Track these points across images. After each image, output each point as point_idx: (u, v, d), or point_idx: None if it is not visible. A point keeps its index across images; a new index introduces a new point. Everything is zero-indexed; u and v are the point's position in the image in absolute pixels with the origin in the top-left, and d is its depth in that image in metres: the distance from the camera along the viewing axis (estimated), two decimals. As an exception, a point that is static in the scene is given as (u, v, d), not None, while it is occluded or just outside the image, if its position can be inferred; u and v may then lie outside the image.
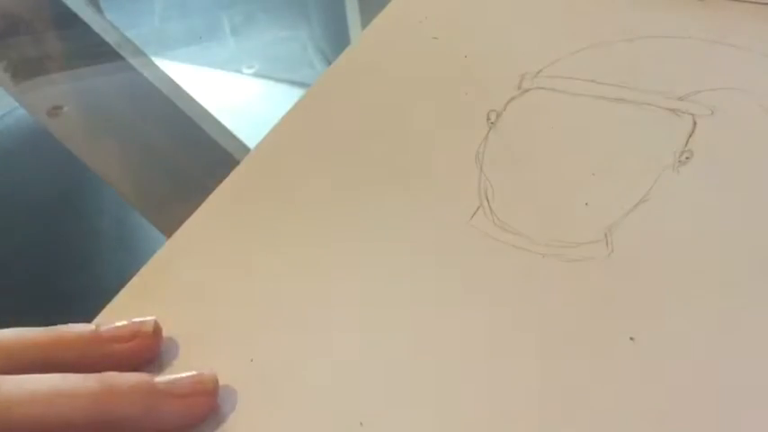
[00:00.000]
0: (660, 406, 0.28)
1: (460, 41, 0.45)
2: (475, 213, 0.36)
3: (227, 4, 1.20)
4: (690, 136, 0.36)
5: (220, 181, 0.40)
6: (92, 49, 0.67)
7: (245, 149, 0.58)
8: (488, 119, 0.40)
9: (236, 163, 0.41)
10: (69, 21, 0.67)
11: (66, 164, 0.65)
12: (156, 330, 0.32)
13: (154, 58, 0.67)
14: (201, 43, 1.14)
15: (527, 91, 0.41)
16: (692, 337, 0.30)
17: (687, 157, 0.36)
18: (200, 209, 0.39)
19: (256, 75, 1.09)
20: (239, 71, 1.09)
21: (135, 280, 0.36)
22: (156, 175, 0.62)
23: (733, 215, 0.33)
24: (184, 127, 0.63)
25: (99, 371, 0.29)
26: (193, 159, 0.62)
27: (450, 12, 0.47)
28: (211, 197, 0.39)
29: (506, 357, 0.30)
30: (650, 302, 0.31)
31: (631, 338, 0.30)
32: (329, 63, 0.47)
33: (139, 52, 0.65)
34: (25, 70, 0.66)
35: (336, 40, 1.04)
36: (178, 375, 0.30)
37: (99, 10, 0.74)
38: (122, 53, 0.65)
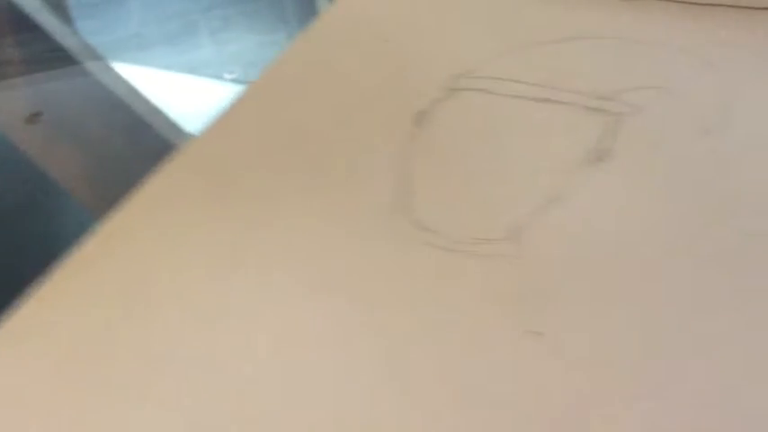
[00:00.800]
0: (567, 401, 0.28)
1: (393, 42, 0.45)
2: (394, 211, 0.36)
3: (205, 8, 1.20)
4: (606, 134, 0.37)
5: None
6: (53, 57, 0.67)
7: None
8: (416, 119, 0.40)
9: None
10: (30, 28, 0.67)
11: (33, 171, 0.66)
12: None
13: (132, 65, 0.67)
14: (181, 50, 1.14)
15: (456, 91, 0.41)
16: (600, 334, 0.30)
17: (602, 156, 0.36)
18: (126, 204, 0.39)
19: (237, 81, 1.09)
20: (220, 77, 1.09)
21: (54, 276, 0.36)
22: (115, 182, 0.62)
23: (645, 212, 0.34)
24: (145, 135, 0.64)
25: None
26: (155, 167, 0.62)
27: (387, 14, 0.48)
28: (140, 192, 0.39)
29: (415, 354, 0.31)
30: (558, 298, 0.31)
31: (538, 333, 0.30)
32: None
33: (100, 58, 0.66)
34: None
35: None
36: None
37: (66, 17, 0.75)
38: (82, 60, 0.65)
